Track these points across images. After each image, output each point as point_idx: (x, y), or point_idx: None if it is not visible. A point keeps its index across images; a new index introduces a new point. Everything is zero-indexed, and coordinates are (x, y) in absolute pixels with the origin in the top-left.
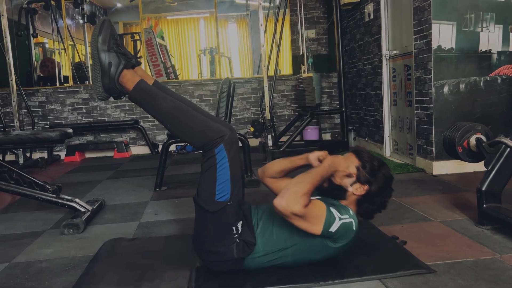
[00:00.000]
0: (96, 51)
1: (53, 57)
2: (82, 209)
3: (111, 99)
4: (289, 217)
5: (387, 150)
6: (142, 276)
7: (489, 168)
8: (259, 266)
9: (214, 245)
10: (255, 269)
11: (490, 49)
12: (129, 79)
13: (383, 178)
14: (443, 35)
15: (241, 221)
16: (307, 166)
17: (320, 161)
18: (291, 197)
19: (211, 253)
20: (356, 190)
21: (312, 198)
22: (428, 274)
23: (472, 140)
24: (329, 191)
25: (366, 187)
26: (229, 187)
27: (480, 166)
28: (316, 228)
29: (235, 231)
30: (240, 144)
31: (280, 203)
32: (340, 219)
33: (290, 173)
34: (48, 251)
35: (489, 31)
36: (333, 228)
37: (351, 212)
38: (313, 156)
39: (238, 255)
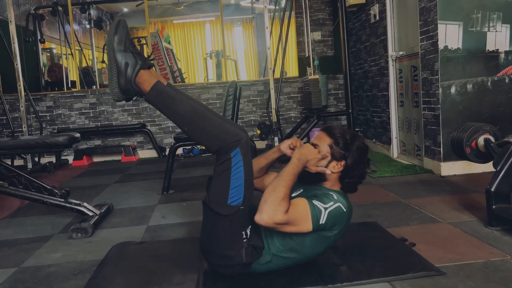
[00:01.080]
0: (112, 51)
1: (61, 62)
2: (90, 213)
3: (119, 102)
4: (276, 228)
5: (394, 151)
6: (150, 279)
7: (498, 169)
8: (267, 269)
9: (223, 249)
10: (262, 273)
11: (498, 49)
12: (146, 80)
13: (357, 150)
14: (450, 35)
15: (250, 226)
16: (284, 157)
17: (292, 148)
18: (269, 208)
19: (220, 257)
20: (334, 168)
21: (294, 194)
22: (438, 276)
23: (481, 141)
24: (309, 178)
25: (343, 162)
26: (242, 191)
27: (488, 167)
28: (306, 226)
29: (244, 236)
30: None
31: (261, 218)
32: (325, 209)
33: (271, 168)
34: (56, 255)
35: (496, 31)
36: (322, 220)
37: (335, 196)
38: (284, 146)
39: (247, 260)
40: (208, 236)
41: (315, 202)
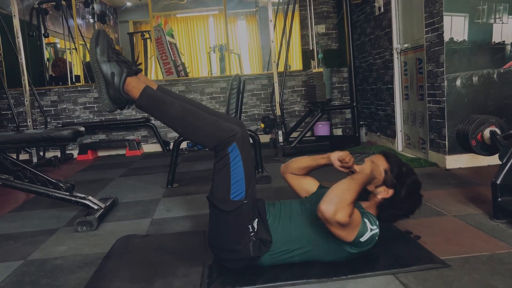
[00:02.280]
0: (97, 63)
1: (64, 57)
2: (95, 207)
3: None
4: (331, 223)
5: (399, 144)
6: (155, 272)
7: (503, 161)
8: (273, 263)
9: (231, 244)
10: (268, 266)
11: (504, 41)
12: (134, 86)
13: (411, 184)
14: (455, 27)
15: (256, 219)
16: (328, 166)
17: (341, 161)
18: (339, 204)
19: (228, 252)
20: (381, 193)
21: None
22: (443, 269)
23: (486, 133)
24: None
25: (391, 191)
26: (243, 185)
27: (494, 159)
28: (350, 236)
29: (251, 230)
30: (251, 141)
31: (328, 209)
32: (371, 230)
33: (312, 172)
34: (62, 248)
35: (503, 22)
36: (363, 238)
37: (377, 222)
38: (334, 156)
39: (255, 254)
40: (215, 232)
41: (366, 220)
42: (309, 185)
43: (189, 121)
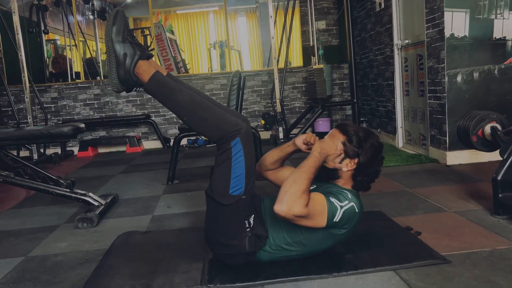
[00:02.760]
0: (111, 42)
1: (65, 54)
2: (96, 203)
3: (123, 93)
4: (293, 220)
5: (399, 141)
6: (156, 268)
7: (504, 157)
8: (271, 259)
9: (227, 239)
10: (267, 262)
11: (505, 37)
12: (145, 70)
13: (370, 147)
14: (456, 23)
15: (253, 215)
16: (297, 152)
17: (306, 144)
18: (290, 199)
19: (224, 247)
20: (347, 165)
21: None
22: (443, 265)
23: (487, 129)
24: (322, 175)
25: (356, 160)
26: (243, 180)
27: (494, 156)
28: (320, 222)
29: (247, 225)
30: (253, 137)
31: (281, 208)
32: (341, 207)
33: (285, 161)
34: (63, 245)
35: (504, 18)
36: (336, 218)
37: (349, 195)
38: (299, 141)
39: (250, 249)
40: (212, 226)
41: (332, 199)
42: (286, 176)
43: (196, 111)
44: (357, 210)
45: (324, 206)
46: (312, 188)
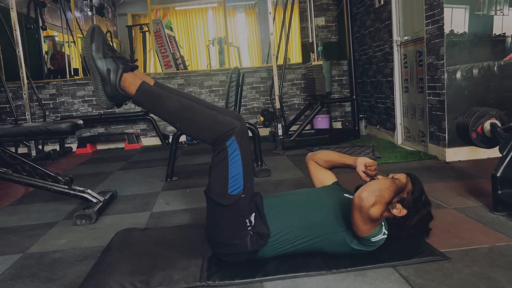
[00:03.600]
0: (92, 60)
1: (63, 50)
2: (94, 200)
3: None
4: (362, 213)
5: (398, 137)
6: (155, 265)
7: (504, 154)
8: (272, 254)
9: (228, 239)
10: (268, 258)
11: (504, 33)
12: (131, 82)
13: (426, 214)
14: (456, 19)
15: (253, 214)
16: (352, 168)
17: (366, 167)
18: (379, 199)
19: (225, 246)
20: (395, 210)
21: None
22: (443, 261)
23: (487, 126)
24: None
25: (404, 211)
26: (241, 179)
27: (494, 152)
28: (366, 232)
29: (248, 224)
30: (250, 134)
31: (369, 198)
32: (384, 234)
33: (334, 168)
34: (61, 242)
35: (503, 14)
36: (375, 239)
37: (387, 229)
38: (361, 161)
39: (252, 248)
40: (212, 227)
41: (383, 223)
42: (325, 178)
43: (187, 116)
44: (381, 244)
45: (379, 223)
46: None
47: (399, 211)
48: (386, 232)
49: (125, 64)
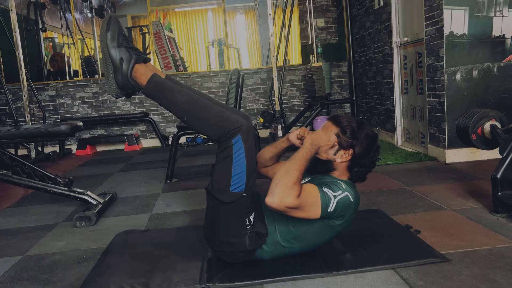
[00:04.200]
0: (106, 48)
1: (63, 52)
2: (94, 202)
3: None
4: (285, 212)
5: (398, 139)
6: (154, 267)
7: (504, 155)
8: (271, 256)
9: (227, 236)
10: (267, 259)
11: (504, 34)
12: (142, 73)
13: (365, 138)
14: (455, 20)
15: (253, 213)
16: (292, 147)
17: (300, 138)
18: (281, 191)
19: (224, 244)
20: (342, 157)
21: (302, 181)
22: (443, 263)
23: (487, 127)
24: (317, 167)
25: (350, 151)
26: (244, 178)
27: (493, 154)
28: (314, 213)
29: (247, 223)
30: (255, 134)
31: (272, 200)
32: (335, 197)
33: (281, 157)
34: (60, 244)
35: (503, 16)
36: (330, 208)
37: (343, 185)
38: (293, 136)
39: (251, 247)
40: (212, 224)
41: (325, 189)
42: None
43: (195, 111)
44: (352, 200)
45: (317, 196)
46: (306, 180)
47: (346, 155)
48: (342, 191)
49: (138, 55)
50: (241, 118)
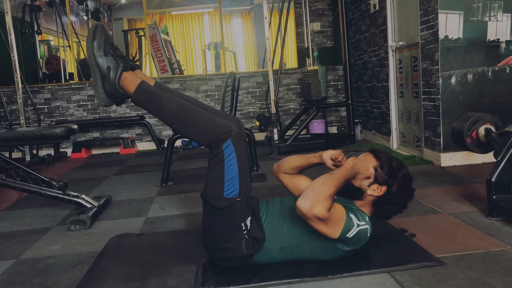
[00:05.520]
0: (93, 57)
1: (58, 54)
2: (89, 205)
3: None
4: (311, 219)
5: (394, 142)
6: (149, 271)
7: (498, 159)
8: (267, 261)
9: (223, 242)
10: (263, 264)
11: (498, 39)
12: (130, 81)
13: (402, 178)
14: (450, 24)
15: (249, 217)
16: (321, 165)
17: (333, 160)
18: (316, 199)
19: (220, 250)
20: (374, 191)
21: None
22: (438, 267)
23: (481, 131)
24: (346, 191)
25: (384, 188)
26: (237, 182)
27: (488, 157)
28: (334, 232)
29: (244, 228)
30: (246, 139)
31: (304, 204)
32: (358, 225)
33: (304, 171)
34: (55, 247)
35: (497, 20)
36: (350, 234)
37: (367, 218)
38: (327, 155)
39: (248, 252)
40: (208, 230)
41: (351, 215)
42: (302, 184)
43: (185, 117)
44: (368, 235)
45: (343, 218)
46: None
47: (379, 190)
48: (365, 223)
49: (125, 63)
50: (231, 123)
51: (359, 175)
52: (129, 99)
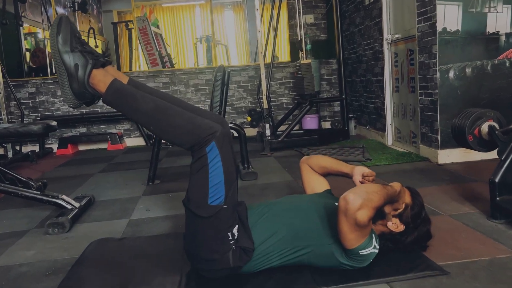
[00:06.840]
0: (58, 53)
1: (45, 47)
2: (69, 207)
3: None
4: (348, 217)
5: (389, 138)
6: (129, 281)
7: (502, 158)
8: (257, 269)
9: (208, 253)
10: (252, 273)
11: (498, 31)
12: (101, 80)
13: (423, 231)
14: (449, 16)
15: (237, 226)
16: (347, 176)
17: (364, 177)
18: (366, 203)
19: (205, 262)
20: (393, 225)
21: None
22: (441, 276)
23: (484, 128)
24: None
25: (402, 227)
26: (223, 189)
27: (487, 154)
28: (354, 242)
29: (230, 237)
30: (237, 135)
31: (355, 201)
32: (374, 247)
33: (328, 176)
34: (29, 253)
35: (497, 12)
36: (364, 252)
37: (378, 244)
38: (358, 170)
39: (234, 264)
40: (191, 239)
41: (373, 235)
42: (318, 185)
43: (163, 118)
44: (371, 259)
45: (367, 234)
46: None
47: (396, 226)
48: (378, 247)
49: (95, 59)
50: (215, 124)
51: (395, 204)
52: (100, 100)
